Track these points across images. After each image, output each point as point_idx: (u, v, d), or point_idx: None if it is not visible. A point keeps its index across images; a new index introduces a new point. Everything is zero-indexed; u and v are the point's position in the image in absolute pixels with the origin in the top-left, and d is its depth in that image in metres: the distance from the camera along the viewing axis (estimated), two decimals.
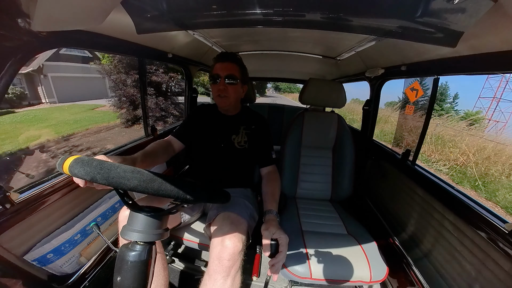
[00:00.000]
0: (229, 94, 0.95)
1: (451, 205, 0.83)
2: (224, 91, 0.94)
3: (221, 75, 0.93)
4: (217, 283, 0.67)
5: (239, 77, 0.96)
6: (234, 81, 0.94)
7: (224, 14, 0.79)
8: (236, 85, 0.95)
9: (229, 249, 0.67)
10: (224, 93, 0.94)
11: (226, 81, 0.93)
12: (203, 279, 0.71)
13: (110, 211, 1.01)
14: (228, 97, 0.95)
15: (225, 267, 0.67)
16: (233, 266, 0.68)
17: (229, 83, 0.93)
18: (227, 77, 0.92)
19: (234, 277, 0.69)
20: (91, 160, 0.40)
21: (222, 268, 0.67)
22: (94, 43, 0.84)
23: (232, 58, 0.95)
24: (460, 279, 0.74)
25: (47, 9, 0.52)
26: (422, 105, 1.29)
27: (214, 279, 0.68)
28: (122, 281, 0.42)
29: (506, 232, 0.62)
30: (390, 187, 1.27)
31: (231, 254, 0.67)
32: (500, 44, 0.60)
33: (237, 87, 0.97)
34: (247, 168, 1.10)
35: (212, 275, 0.68)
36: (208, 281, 0.68)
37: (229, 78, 0.93)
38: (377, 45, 1.09)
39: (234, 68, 0.95)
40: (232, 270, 0.68)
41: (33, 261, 0.71)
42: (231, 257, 0.67)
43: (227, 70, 0.93)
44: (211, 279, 0.68)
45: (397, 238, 1.12)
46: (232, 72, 0.93)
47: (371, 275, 0.80)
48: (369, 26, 0.75)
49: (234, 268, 0.68)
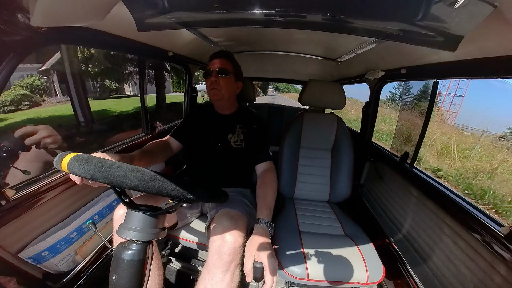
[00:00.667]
0: (221, 87, 0.98)
1: (448, 208, 0.84)
2: (215, 83, 0.97)
3: (213, 69, 0.97)
4: (215, 278, 0.66)
5: (231, 71, 1.00)
6: (226, 74, 0.98)
7: (226, 14, 0.78)
8: (227, 78, 0.98)
9: (229, 244, 0.67)
10: (215, 85, 0.97)
11: (218, 74, 0.96)
12: (201, 274, 0.70)
13: (107, 209, 1.00)
14: (219, 90, 0.98)
15: (225, 262, 0.66)
16: (232, 261, 0.67)
17: (220, 76, 0.97)
18: (219, 70, 0.96)
19: (234, 272, 0.68)
20: (91, 158, 0.40)
21: (221, 263, 0.66)
22: (94, 40, 0.84)
23: (224, 55, 1.00)
24: (456, 282, 0.75)
25: (47, 5, 0.51)
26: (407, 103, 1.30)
27: (213, 273, 0.67)
28: (118, 280, 0.42)
29: (501, 236, 0.62)
30: (388, 189, 1.28)
31: (231, 249, 0.66)
32: (499, 49, 0.61)
33: (229, 80, 1.00)
34: (245, 168, 1.10)
35: (211, 269, 0.67)
36: (207, 275, 0.68)
37: (220, 71, 0.97)
38: (377, 47, 1.09)
39: (225, 63, 0.99)
40: (231, 265, 0.67)
41: (28, 259, 0.70)
42: (231, 252, 0.66)
43: (218, 64, 0.97)
44: (210, 273, 0.67)
45: (394, 240, 1.12)
46: (223, 66, 0.98)
47: (367, 277, 0.80)
48: (370, 28, 0.76)
49: (233, 264, 0.68)
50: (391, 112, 10.51)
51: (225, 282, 0.67)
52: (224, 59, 0.99)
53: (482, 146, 6.01)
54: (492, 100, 40.12)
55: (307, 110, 1.47)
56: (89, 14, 0.59)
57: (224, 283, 0.67)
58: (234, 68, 1.03)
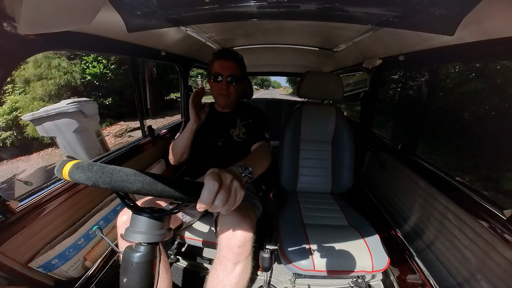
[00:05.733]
0: (231, 93, 0.95)
1: (450, 194, 0.84)
2: (226, 91, 0.93)
3: (224, 75, 0.91)
4: (227, 269, 0.68)
5: (241, 76, 0.96)
6: (237, 82, 0.94)
7: (216, 8, 0.76)
8: (238, 84, 0.95)
9: (239, 236, 0.67)
10: (226, 92, 0.94)
11: (229, 80, 0.91)
12: (213, 265, 0.72)
13: (112, 214, 1.01)
14: (229, 96, 0.96)
15: (236, 254, 0.67)
16: (242, 252, 0.68)
17: (231, 83, 0.92)
18: (230, 76, 0.91)
19: (245, 264, 0.70)
20: (91, 165, 0.40)
21: (232, 255, 0.67)
22: (84, 44, 0.82)
23: (234, 57, 0.94)
24: (461, 267, 0.76)
25: (33, 11, 0.50)
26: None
27: (224, 265, 0.68)
28: (129, 282, 0.42)
29: (504, 219, 0.63)
30: (390, 178, 1.29)
31: (241, 241, 0.67)
32: (499, 31, 0.59)
33: (239, 86, 0.97)
34: None
35: (223, 261, 0.69)
36: (219, 266, 0.69)
37: (231, 78, 0.91)
38: (374, 35, 1.07)
39: (237, 68, 0.93)
40: (242, 257, 0.68)
41: (38, 268, 0.71)
42: (242, 244, 0.67)
43: (229, 69, 0.91)
44: (222, 265, 0.69)
45: (398, 228, 1.14)
46: (234, 72, 0.92)
47: (373, 265, 0.81)
48: (365, 15, 0.74)
49: (243, 255, 0.69)
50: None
51: (236, 273, 0.68)
52: (235, 63, 0.93)
53: None
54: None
55: (305, 102, 1.46)
56: (76, 18, 0.57)
57: (235, 274, 0.68)
58: (242, 71, 0.97)
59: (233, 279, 0.68)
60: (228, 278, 0.68)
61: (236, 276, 0.68)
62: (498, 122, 3.41)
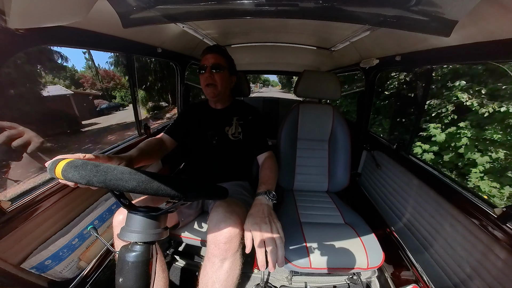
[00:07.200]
0: (216, 82, 0.97)
1: (443, 192, 0.86)
2: (210, 79, 0.96)
3: (207, 65, 0.95)
4: (215, 266, 0.68)
5: (225, 66, 0.98)
6: (221, 70, 0.96)
7: (214, 5, 0.75)
8: (222, 73, 0.97)
9: (224, 232, 0.67)
10: (210, 81, 0.96)
11: (212, 70, 0.95)
12: (203, 263, 0.73)
13: (107, 213, 0.99)
14: (215, 86, 0.97)
15: (222, 250, 0.67)
16: (229, 249, 0.68)
17: (215, 71, 0.95)
18: (213, 65, 0.95)
19: (232, 260, 0.70)
20: (85, 163, 0.39)
21: (219, 251, 0.68)
22: (77, 39, 0.80)
23: (216, 49, 0.98)
24: (453, 263, 0.78)
25: (24, 5, 0.48)
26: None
27: (212, 262, 0.69)
28: (124, 282, 0.42)
29: (495, 217, 0.65)
30: (385, 177, 1.31)
31: (227, 237, 0.67)
32: (494, 33, 0.60)
33: (224, 75, 0.98)
34: (244, 161, 1.10)
35: (210, 258, 0.69)
36: (208, 263, 0.70)
37: (214, 66, 0.95)
38: (371, 35, 1.08)
39: (219, 58, 0.97)
40: (229, 253, 0.68)
41: (31, 269, 0.70)
42: (227, 240, 0.67)
43: (212, 59, 0.95)
44: (210, 262, 0.69)
45: (392, 225, 1.16)
46: (217, 61, 0.96)
47: (368, 262, 0.83)
48: (363, 15, 0.74)
49: (230, 251, 0.68)
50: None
51: (224, 269, 0.68)
52: (217, 54, 0.97)
53: None
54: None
55: (303, 101, 1.46)
56: (70, 12, 0.55)
57: (222, 271, 0.69)
58: (228, 62, 1.01)
59: (221, 276, 0.68)
60: (217, 275, 0.68)
61: (224, 273, 0.68)
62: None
